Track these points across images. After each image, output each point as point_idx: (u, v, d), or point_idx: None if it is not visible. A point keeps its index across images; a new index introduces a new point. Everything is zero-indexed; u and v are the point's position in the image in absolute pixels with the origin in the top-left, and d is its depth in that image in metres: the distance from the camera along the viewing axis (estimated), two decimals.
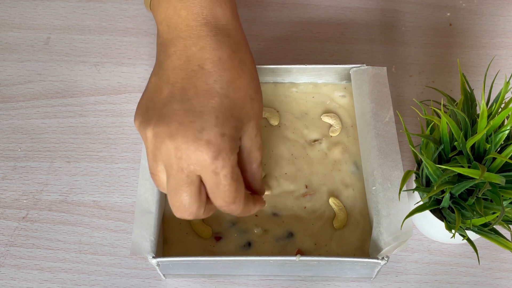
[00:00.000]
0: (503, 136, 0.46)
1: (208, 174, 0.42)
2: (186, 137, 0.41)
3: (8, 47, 0.68)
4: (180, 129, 0.41)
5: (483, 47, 0.68)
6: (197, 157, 0.41)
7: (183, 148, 0.41)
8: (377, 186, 0.52)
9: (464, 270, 0.55)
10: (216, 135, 0.41)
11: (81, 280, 0.54)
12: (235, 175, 0.43)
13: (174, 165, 0.42)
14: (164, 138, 0.42)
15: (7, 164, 0.61)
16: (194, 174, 0.42)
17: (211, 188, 0.43)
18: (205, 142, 0.41)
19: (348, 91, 0.61)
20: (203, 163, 0.41)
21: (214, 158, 0.41)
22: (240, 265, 0.51)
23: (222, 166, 0.42)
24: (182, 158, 0.41)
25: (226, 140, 0.42)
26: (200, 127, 0.41)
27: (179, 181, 0.42)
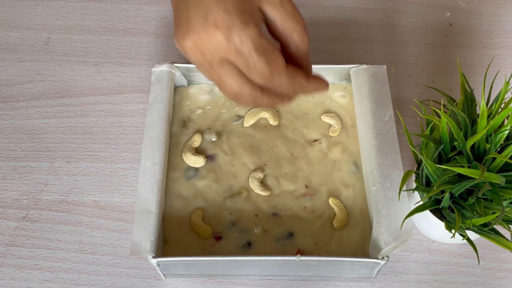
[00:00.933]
0: (503, 136, 0.46)
1: (233, 56, 0.40)
2: (195, 29, 0.39)
3: (8, 47, 0.69)
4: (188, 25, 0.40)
5: (483, 47, 0.68)
6: (213, 44, 0.39)
7: (198, 42, 0.39)
8: (377, 185, 0.52)
9: (464, 270, 0.55)
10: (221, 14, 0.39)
11: (81, 280, 0.54)
12: (260, 48, 0.39)
13: (203, 61, 0.40)
14: (182, 41, 0.40)
15: (7, 164, 0.61)
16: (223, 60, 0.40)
17: (243, 68, 0.40)
18: (213, 26, 0.39)
19: (348, 91, 0.61)
20: (221, 47, 0.39)
21: (228, 38, 0.39)
22: (240, 265, 0.51)
23: (240, 42, 0.39)
24: (203, 53, 0.40)
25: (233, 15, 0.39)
26: (203, 13, 0.39)
27: (215, 73, 0.41)
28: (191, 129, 0.59)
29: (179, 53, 0.68)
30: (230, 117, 0.60)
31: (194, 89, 0.61)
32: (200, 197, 0.55)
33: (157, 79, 0.59)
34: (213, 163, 0.57)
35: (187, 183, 0.56)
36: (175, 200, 0.55)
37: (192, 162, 0.57)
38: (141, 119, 0.63)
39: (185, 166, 0.57)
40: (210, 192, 0.55)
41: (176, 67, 0.59)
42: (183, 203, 0.55)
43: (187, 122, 0.59)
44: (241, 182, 0.56)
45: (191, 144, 0.58)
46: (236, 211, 0.54)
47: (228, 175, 0.56)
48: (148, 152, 0.54)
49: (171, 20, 0.70)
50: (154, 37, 0.69)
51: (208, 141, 0.58)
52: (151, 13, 0.71)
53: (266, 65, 0.40)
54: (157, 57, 0.68)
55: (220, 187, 0.56)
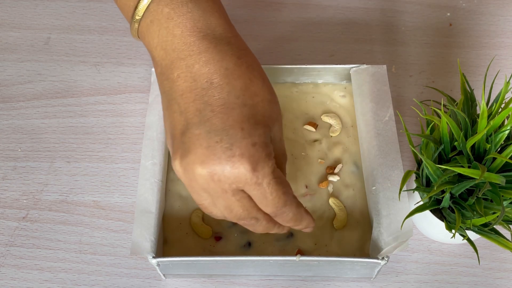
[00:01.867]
0: (503, 136, 0.46)
1: (252, 187, 0.40)
2: (218, 158, 0.39)
3: (8, 47, 0.69)
4: (208, 153, 0.39)
5: (483, 47, 0.68)
6: (235, 175, 0.39)
7: (218, 171, 0.39)
8: (377, 185, 0.52)
9: (464, 270, 0.55)
10: (248, 147, 0.39)
11: (81, 280, 0.54)
12: (278, 179, 0.41)
13: (216, 188, 0.40)
14: (194, 167, 0.40)
15: (7, 164, 0.61)
16: (238, 190, 0.41)
17: (259, 199, 0.41)
18: (238, 157, 0.39)
19: (348, 91, 0.61)
20: (243, 178, 0.40)
21: (253, 170, 0.39)
22: (240, 265, 0.51)
23: (263, 175, 0.40)
24: (221, 181, 0.40)
25: (259, 149, 0.40)
26: (228, 144, 0.39)
27: (227, 200, 0.41)
28: None
29: None
30: None
31: None
32: None
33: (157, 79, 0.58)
34: None
35: None
36: (175, 200, 0.55)
37: None
38: (141, 119, 0.63)
39: None
40: None
41: None
42: (183, 203, 0.55)
43: None
44: None
45: None
46: None
47: None
48: (148, 152, 0.54)
49: None
50: None
51: None
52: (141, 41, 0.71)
53: (282, 196, 0.42)
54: None
55: None
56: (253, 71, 0.43)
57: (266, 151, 0.40)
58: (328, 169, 0.56)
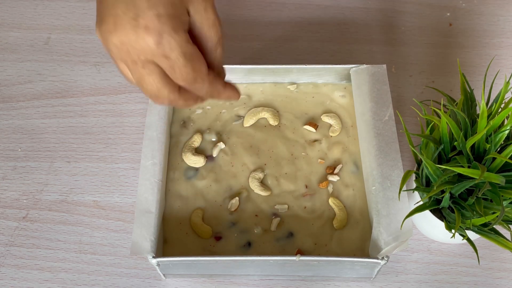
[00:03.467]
0: (503, 136, 0.46)
1: (160, 59, 0.40)
2: (125, 28, 0.39)
3: (8, 47, 0.69)
4: (117, 22, 0.40)
5: (483, 47, 0.68)
6: (141, 46, 0.40)
7: (125, 41, 0.40)
8: (377, 185, 0.52)
9: (464, 270, 0.55)
10: (152, 18, 0.39)
11: (81, 280, 0.54)
12: (188, 54, 0.40)
13: (127, 59, 0.41)
14: (107, 36, 0.40)
15: (7, 164, 0.61)
16: (148, 61, 0.41)
17: (168, 71, 0.41)
18: (143, 29, 0.39)
19: (348, 91, 0.61)
20: (149, 50, 0.40)
21: (158, 43, 0.39)
22: (240, 265, 0.51)
23: (169, 48, 0.40)
24: (129, 51, 0.40)
25: (164, 21, 0.39)
26: (134, 15, 0.39)
27: (138, 72, 0.41)
28: (191, 129, 0.59)
29: None
30: (230, 117, 0.60)
31: None
32: (200, 197, 0.55)
33: None
34: (213, 163, 0.57)
35: (187, 183, 0.56)
36: (175, 200, 0.55)
37: (192, 162, 0.57)
38: (141, 119, 0.63)
39: (185, 166, 0.57)
40: (210, 192, 0.55)
41: None
42: (183, 203, 0.55)
43: (187, 122, 0.59)
44: (241, 182, 0.56)
45: (191, 144, 0.58)
46: (236, 211, 0.54)
47: (228, 175, 0.56)
48: (148, 152, 0.54)
49: None
50: None
51: (208, 141, 0.58)
52: None
53: (191, 71, 0.41)
54: None
55: (220, 187, 0.56)
56: None
57: (173, 23, 0.40)
58: (328, 169, 0.56)
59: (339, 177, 0.56)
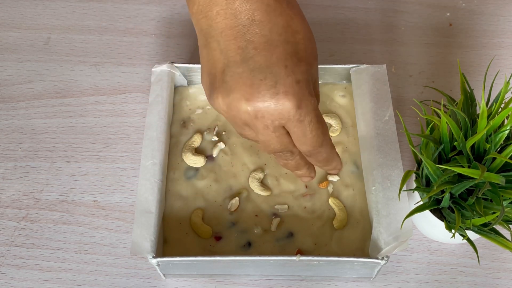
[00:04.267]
0: (503, 136, 0.46)
1: (294, 124, 0.41)
2: (263, 96, 0.40)
3: (8, 47, 0.69)
4: (252, 90, 0.40)
5: (483, 47, 0.68)
6: (279, 111, 0.40)
7: (262, 108, 0.40)
8: (377, 185, 0.52)
9: (464, 270, 0.55)
10: (292, 84, 0.40)
11: (81, 280, 0.54)
12: (319, 118, 0.42)
13: (258, 125, 0.41)
14: (239, 105, 0.40)
15: (7, 164, 0.61)
16: (280, 126, 0.41)
17: (297, 137, 0.42)
18: (282, 94, 0.39)
19: (348, 91, 0.61)
20: (286, 115, 0.40)
21: (298, 108, 0.40)
22: (240, 265, 0.51)
23: (305, 113, 0.40)
24: (264, 117, 0.40)
25: (302, 86, 0.40)
26: (273, 82, 0.39)
27: (267, 135, 0.42)
28: (191, 129, 0.59)
29: (179, 53, 0.68)
30: None
31: (194, 89, 0.61)
32: (200, 197, 0.55)
33: (157, 79, 0.59)
34: (213, 163, 0.57)
35: (187, 183, 0.56)
36: (175, 200, 0.55)
37: (192, 162, 0.57)
38: (141, 119, 0.63)
39: (185, 166, 0.57)
40: (210, 192, 0.55)
41: (176, 67, 0.59)
42: (183, 203, 0.55)
43: (187, 122, 0.59)
44: (241, 182, 0.56)
45: (191, 144, 0.58)
46: (236, 211, 0.54)
47: (228, 175, 0.56)
48: (148, 152, 0.54)
49: (171, 20, 0.70)
50: (154, 37, 0.69)
51: (208, 141, 0.58)
52: (151, 13, 0.71)
53: (321, 135, 0.42)
54: (157, 57, 0.68)
55: (220, 187, 0.56)
56: (293, 8, 0.43)
57: (309, 89, 0.41)
58: None
59: (339, 177, 0.56)
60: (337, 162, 0.48)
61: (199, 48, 0.43)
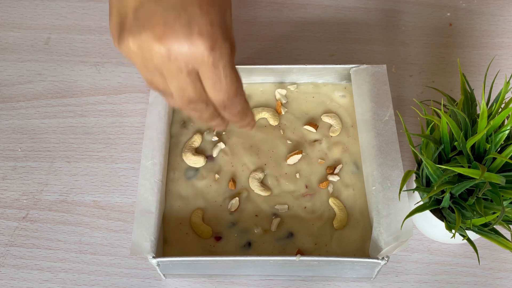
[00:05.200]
0: (503, 136, 0.46)
1: (208, 68, 0.39)
2: (176, 35, 0.38)
3: (8, 47, 0.69)
4: (166, 29, 0.38)
5: (483, 47, 0.68)
6: (193, 52, 0.38)
7: (176, 48, 0.38)
8: (377, 185, 0.52)
9: (464, 270, 0.55)
10: (206, 25, 0.38)
11: (81, 280, 0.54)
12: (233, 64, 0.40)
13: (172, 67, 0.39)
14: (151, 44, 0.39)
15: (7, 164, 0.61)
16: (194, 71, 0.40)
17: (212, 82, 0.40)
18: (197, 35, 0.38)
19: (348, 91, 0.61)
20: (200, 57, 0.39)
21: (211, 49, 0.38)
22: (240, 265, 0.51)
23: (219, 56, 0.39)
24: (177, 58, 0.39)
25: (216, 28, 0.38)
26: (187, 21, 0.38)
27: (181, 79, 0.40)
28: (191, 129, 0.59)
29: None
30: None
31: None
32: (200, 197, 0.55)
33: None
34: (213, 163, 0.57)
35: (187, 183, 0.56)
36: (175, 200, 0.55)
37: (192, 162, 0.57)
38: (141, 119, 0.63)
39: (185, 166, 0.57)
40: (210, 192, 0.55)
41: None
42: (183, 203, 0.55)
43: (187, 122, 0.59)
44: (241, 182, 0.56)
45: (191, 144, 0.58)
46: (236, 211, 0.54)
47: (228, 175, 0.56)
48: (148, 152, 0.54)
49: None
50: None
51: (208, 141, 0.58)
52: None
53: (235, 83, 0.41)
54: None
55: (220, 187, 0.56)
56: None
57: (223, 32, 0.39)
58: (328, 169, 0.56)
59: (339, 177, 0.56)
60: (251, 117, 0.46)
61: None
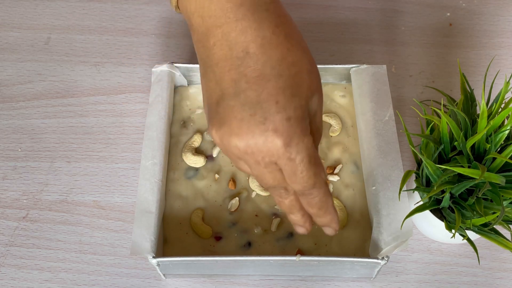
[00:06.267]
0: (503, 136, 0.46)
1: (283, 162, 0.40)
2: (251, 132, 0.39)
3: (8, 47, 0.69)
4: (242, 125, 0.39)
5: (483, 47, 0.68)
6: (268, 148, 0.39)
7: (251, 144, 0.39)
8: (377, 185, 0.52)
9: (464, 270, 0.55)
10: (282, 121, 0.38)
11: (81, 280, 0.54)
12: (312, 158, 0.40)
13: (250, 160, 0.40)
14: (229, 139, 0.40)
15: (7, 164, 0.61)
16: (271, 163, 0.40)
17: (288, 174, 0.41)
18: (272, 131, 0.38)
19: (348, 91, 0.61)
20: (276, 153, 0.39)
21: (287, 145, 0.39)
22: (240, 265, 0.51)
23: (296, 151, 0.39)
24: (254, 153, 0.40)
25: (293, 123, 0.39)
26: (262, 118, 0.38)
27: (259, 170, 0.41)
28: (191, 129, 0.59)
29: (179, 53, 0.68)
30: None
31: (194, 89, 0.61)
32: (200, 197, 0.55)
33: (157, 79, 0.59)
34: (213, 163, 0.57)
35: (187, 183, 0.56)
36: (175, 200, 0.55)
37: (192, 162, 0.57)
38: (141, 119, 0.63)
39: (185, 166, 0.57)
40: (210, 192, 0.55)
41: (176, 67, 0.59)
42: (183, 203, 0.55)
43: (187, 122, 0.59)
44: (241, 182, 0.56)
45: (191, 144, 0.58)
46: (236, 211, 0.54)
47: (228, 175, 0.56)
48: (148, 152, 0.54)
49: (171, 20, 0.70)
50: (154, 37, 0.69)
51: (208, 141, 0.58)
52: (151, 13, 0.71)
53: (313, 176, 0.41)
54: (157, 57, 0.68)
55: (220, 187, 0.56)
56: (292, 40, 0.41)
57: (301, 126, 0.39)
58: (328, 169, 0.56)
59: (339, 177, 0.56)
60: (332, 216, 0.45)
61: (200, 78, 0.43)
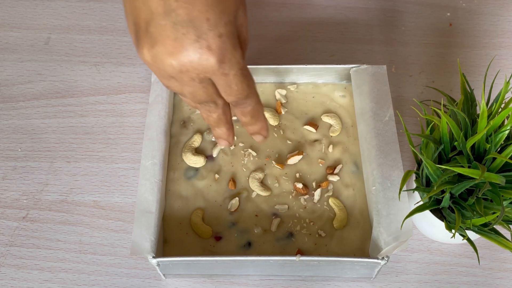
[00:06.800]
0: (503, 136, 0.46)
1: (218, 77, 0.41)
2: (186, 50, 0.40)
3: (8, 47, 0.69)
4: (176, 44, 0.40)
5: (483, 47, 0.68)
6: (203, 66, 0.40)
7: (186, 62, 0.40)
8: (377, 185, 0.52)
9: (464, 270, 0.55)
10: (214, 38, 0.40)
11: (81, 280, 0.54)
12: (244, 71, 0.42)
13: (184, 77, 0.41)
14: (163, 57, 0.41)
15: (7, 164, 0.61)
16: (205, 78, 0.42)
17: (223, 88, 0.42)
18: (205, 49, 0.40)
19: (348, 91, 0.61)
20: (210, 69, 0.40)
21: (221, 62, 0.40)
22: (240, 265, 0.51)
23: (229, 66, 0.41)
24: (189, 71, 0.41)
25: (225, 40, 0.40)
26: (195, 36, 0.39)
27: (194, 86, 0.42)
28: (191, 129, 0.59)
29: None
30: None
31: None
32: (200, 197, 0.55)
33: (157, 79, 0.58)
34: (213, 163, 0.57)
35: (187, 183, 0.56)
36: (175, 200, 0.55)
37: (192, 162, 0.57)
38: (141, 119, 0.63)
39: (185, 166, 0.57)
40: (210, 192, 0.55)
41: None
42: (183, 203, 0.55)
43: (187, 122, 0.59)
44: (241, 182, 0.56)
45: (191, 144, 0.58)
46: (236, 211, 0.54)
47: (228, 175, 0.56)
48: (148, 152, 0.54)
49: None
50: None
51: (208, 141, 0.58)
52: None
53: (246, 88, 0.43)
54: None
55: (220, 187, 0.56)
56: None
57: (232, 42, 0.41)
58: (328, 169, 0.56)
59: (339, 177, 0.56)
60: (263, 123, 0.47)
61: None
